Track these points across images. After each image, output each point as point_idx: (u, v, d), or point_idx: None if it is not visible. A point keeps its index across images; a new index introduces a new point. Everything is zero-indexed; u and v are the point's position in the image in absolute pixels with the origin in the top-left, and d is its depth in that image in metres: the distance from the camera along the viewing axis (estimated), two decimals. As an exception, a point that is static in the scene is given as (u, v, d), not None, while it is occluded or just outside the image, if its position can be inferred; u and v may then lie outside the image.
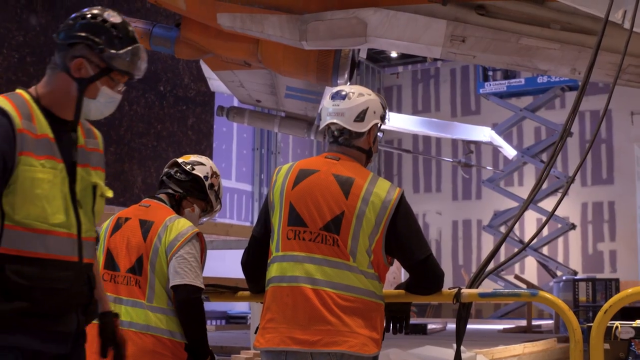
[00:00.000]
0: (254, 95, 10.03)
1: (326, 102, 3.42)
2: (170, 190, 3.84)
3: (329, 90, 3.91)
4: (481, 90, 18.44)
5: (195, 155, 3.95)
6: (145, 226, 3.63)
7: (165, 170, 3.92)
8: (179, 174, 3.86)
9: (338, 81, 8.12)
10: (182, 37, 8.26)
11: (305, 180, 3.25)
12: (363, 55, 10.54)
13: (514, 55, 7.10)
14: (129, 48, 2.74)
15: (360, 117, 3.33)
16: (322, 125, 3.42)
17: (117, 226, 3.70)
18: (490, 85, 18.31)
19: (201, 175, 3.85)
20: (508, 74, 18.29)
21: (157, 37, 8.51)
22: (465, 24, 6.98)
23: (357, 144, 3.36)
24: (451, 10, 6.96)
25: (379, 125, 3.43)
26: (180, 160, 3.90)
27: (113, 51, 2.71)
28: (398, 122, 15.25)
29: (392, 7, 6.91)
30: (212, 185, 3.89)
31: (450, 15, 6.97)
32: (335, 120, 3.34)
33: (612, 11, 5.30)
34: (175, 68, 14.51)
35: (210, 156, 15.50)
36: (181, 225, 3.61)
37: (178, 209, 3.81)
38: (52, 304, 2.60)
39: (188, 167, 3.85)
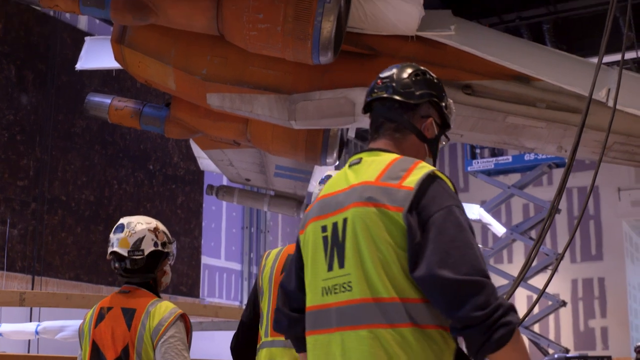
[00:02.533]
0: (243, 174, 10.05)
1: (315, 187, 3.43)
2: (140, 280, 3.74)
3: (318, 170, 3.94)
4: (469, 168, 18.54)
5: (126, 231, 3.75)
6: (129, 314, 3.56)
7: (117, 265, 3.74)
8: (134, 264, 3.71)
9: (327, 160, 8.14)
10: (171, 116, 8.30)
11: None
12: (352, 133, 10.64)
13: (501, 134, 7.16)
14: (451, 102, 2.56)
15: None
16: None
17: (100, 316, 3.63)
18: (478, 162, 18.43)
19: (152, 248, 3.75)
20: (495, 152, 18.43)
21: (147, 116, 8.54)
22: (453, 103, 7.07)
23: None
24: (438, 89, 7.04)
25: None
26: (119, 250, 3.71)
27: (449, 108, 2.52)
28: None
29: (380, 87, 6.97)
30: (164, 244, 3.82)
31: (437, 94, 7.05)
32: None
33: (595, 89, 5.40)
34: (165, 147, 14.59)
35: (200, 235, 15.45)
36: (163, 309, 3.55)
37: (156, 285, 3.76)
38: None
39: (138, 255, 3.70)
